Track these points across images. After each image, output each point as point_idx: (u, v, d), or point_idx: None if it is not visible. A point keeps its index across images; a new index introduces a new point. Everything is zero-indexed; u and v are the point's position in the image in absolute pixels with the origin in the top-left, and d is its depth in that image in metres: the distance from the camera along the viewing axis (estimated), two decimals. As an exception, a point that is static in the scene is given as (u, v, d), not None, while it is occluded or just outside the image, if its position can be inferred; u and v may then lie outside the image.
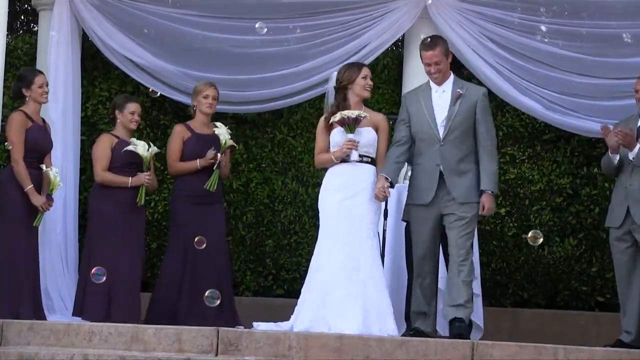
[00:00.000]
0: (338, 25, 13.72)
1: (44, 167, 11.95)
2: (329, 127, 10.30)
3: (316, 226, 11.08)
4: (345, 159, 10.11)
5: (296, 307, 10.27)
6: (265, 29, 12.27)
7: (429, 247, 9.89)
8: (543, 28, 13.58)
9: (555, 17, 13.72)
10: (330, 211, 10.07)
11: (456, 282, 10.03)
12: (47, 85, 12.45)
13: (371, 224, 10.00)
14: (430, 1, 13.23)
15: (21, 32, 15.46)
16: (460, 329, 9.90)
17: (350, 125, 10.20)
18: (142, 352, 10.89)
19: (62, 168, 12.81)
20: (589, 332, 12.67)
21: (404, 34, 13.73)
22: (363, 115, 10.17)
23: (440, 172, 9.58)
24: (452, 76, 10.14)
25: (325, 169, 10.46)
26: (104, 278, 8.86)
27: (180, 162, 12.49)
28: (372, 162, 10.17)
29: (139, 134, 12.80)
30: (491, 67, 13.44)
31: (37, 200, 11.95)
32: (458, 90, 9.85)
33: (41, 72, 12.81)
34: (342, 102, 10.37)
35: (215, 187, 12.50)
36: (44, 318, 12.24)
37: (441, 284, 10.63)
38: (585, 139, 13.24)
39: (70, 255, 13.51)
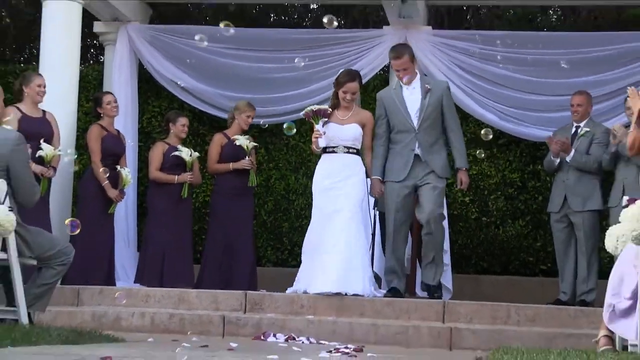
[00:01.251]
0: (336, 55, 13.76)
1: (119, 167, 12.24)
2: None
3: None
4: (325, 148, 10.08)
5: (298, 273, 10.38)
6: (303, 63, 12.59)
7: (401, 217, 9.80)
8: (498, 57, 13.66)
9: (507, 47, 13.80)
10: (320, 193, 10.00)
11: (430, 245, 10.08)
12: (115, 102, 12.66)
13: (356, 202, 9.84)
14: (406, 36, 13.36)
15: (91, 62, 15.52)
16: (437, 289, 10.22)
17: (314, 117, 10.17)
18: (187, 310, 11.07)
19: (134, 175, 13.06)
20: (535, 294, 12.77)
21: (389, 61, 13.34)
22: (323, 108, 10.18)
23: (416, 155, 9.63)
24: (418, 74, 10.15)
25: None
26: (77, 230, 8.87)
27: (217, 164, 12.70)
28: (357, 152, 10.04)
29: (183, 141, 12.95)
30: (457, 87, 13.50)
31: (112, 193, 12.29)
32: (427, 85, 9.88)
33: (110, 92, 13.15)
34: (334, 100, 10.35)
35: (255, 182, 12.82)
36: (114, 284, 12.46)
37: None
38: (531, 143, 13.35)
39: (131, 235, 13.79)
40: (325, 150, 9.96)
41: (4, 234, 7.69)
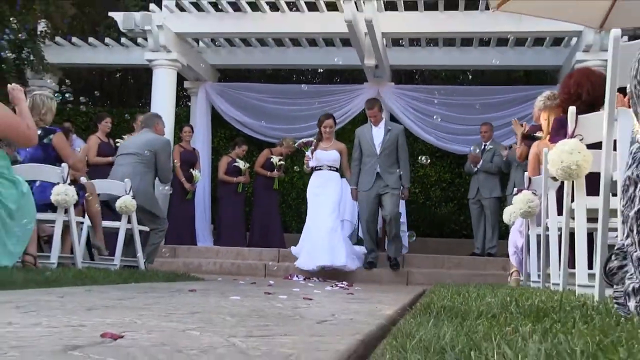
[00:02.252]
0: (334, 101, 13.71)
1: (192, 170, 12.21)
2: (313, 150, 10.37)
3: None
4: (314, 167, 10.24)
5: (298, 244, 10.29)
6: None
7: (370, 214, 9.88)
8: (435, 101, 13.56)
9: (441, 95, 13.71)
10: (312, 196, 10.20)
11: (392, 232, 10.00)
12: (190, 131, 12.81)
13: (334, 205, 9.99)
14: (378, 90, 13.37)
15: (182, 105, 15.43)
16: (397, 261, 10.14)
17: (305, 147, 10.57)
18: (242, 260, 11.13)
19: (203, 172, 13.02)
20: (459, 249, 12.72)
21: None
22: (310, 140, 10.50)
23: (377, 173, 9.65)
24: (383, 119, 10.22)
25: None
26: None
27: (260, 168, 12.73)
28: (337, 170, 10.21)
29: (241, 157, 13.00)
30: (410, 120, 13.41)
31: (187, 186, 12.24)
32: (388, 127, 9.99)
33: (189, 125, 13.29)
34: (319, 135, 10.38)
35: (277, 186, 12.95)
36: (195, 244, 12.47)
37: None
38: (457, 154, 13.32)
39: (207, 213, 13.68)
40: (314, 168, 10.13)
41: (129, 212, 7.73)
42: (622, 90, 3.24)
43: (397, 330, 2.19)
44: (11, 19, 11.67)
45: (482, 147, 12.09)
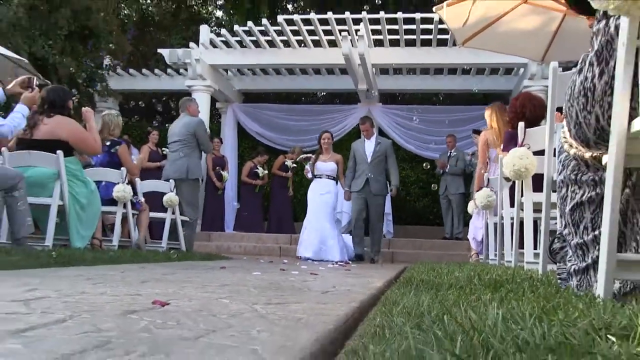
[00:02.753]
0: (334, 118, 13.73)
1: (221, 171, 12.20)
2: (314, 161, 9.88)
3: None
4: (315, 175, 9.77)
5: (299, 239, 9.69)
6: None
7: (360, 213, 9.43)
8: (414, 118, 13.57)
9: (419, 113, 13.73)
10: (312, 200, 9.63)
11: (374, 237, 9.58)
12: (220, 142, 12.89)
13: (330, 208, 9.56)
14: (369, 109, 13.35)
15: (214, 121, 15.39)
16: (375, 261, 9.41)
17: (305, 161, 10.30)
18: (262, 244, 11.07)
19: (230, 174, 13.00)
20: (433, 234, 12.72)
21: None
22: (309, 156, 10.20)
23: (367, 179, 9.31)
24: (375, 134, 9.85)
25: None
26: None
27: (277, 170, 12.76)
28: (334, 179, 9.70)
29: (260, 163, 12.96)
30: (395, 133, 13.43)
31: (218, 184, 12.30)
32: (379, 141, 9.63)
33: (219, 137, 13.33)
34: (319, 149, 9.90)
35: (289, 186, 13.10)
36: (224, 230, 12.45)
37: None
38: (430, 160, 13.23)
39: (234, 206, 13.57)
40: (315, 176, 9.71)
41: (173, 206, 7.73)
42: (560, 109, 3.27)
43: (385, 299, 2.20)
44: (84, 57, 11.74)
45: (448, 154, 12.11)
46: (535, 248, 4.42)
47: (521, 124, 4.48)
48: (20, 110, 5.38)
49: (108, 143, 7.21)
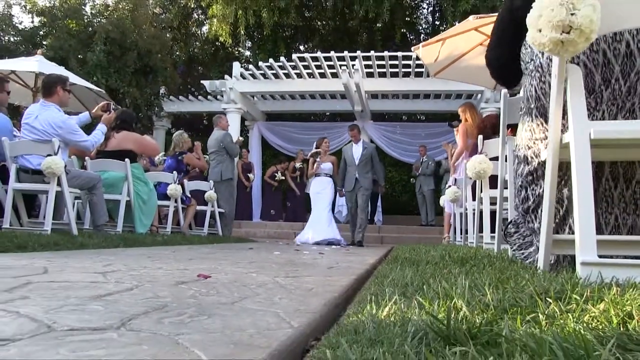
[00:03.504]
0: (335, 132, 13.50)
1: (249, 174, 12.14)
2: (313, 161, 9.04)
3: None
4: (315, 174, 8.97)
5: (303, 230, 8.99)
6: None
7: (354, 207, 8.59)
8: (397, 131, 13.55)
9: (401, 129, 13.72)
10: (313, 196, 8.92)
11: (359, 222, 8.51)
12: (247, 152, 12.66)
13: (328, 202, 8.82)
14: (363, 125, 13.28)
15: (243, 135, 15.33)
16: (360, 242, 8.45)
17: (315, 155, 9.04)
18: (281, 230, 10.99)
19: (257, 177, 12.96)
20: (413, 222, 12.59)
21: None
22: (315, 152, 9.08)
23: (356, 178, 8.51)
24: (361, 140, 8.93)
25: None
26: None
27: (291, 173, 12.70)
28: (330, 177, 8.94)
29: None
30: (383, 143, 13.32)
31: (246, 184, 12.09)
32: (365, 146, 8.76)
33: (247, 149, 13.06)
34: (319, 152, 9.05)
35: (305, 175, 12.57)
36: (251, 219, 12.40)
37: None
38: (410, 164, 13.15)
39: (259, 200, 13.55)
40: (315, 174, 8.93)
41: (212, 201, 7.72)
42: (510, 126, 3.28)
43: (377, 272, 2.18)
44: (145, 87, 11.79)
45: (421, 160, 12.09)
46: (491, 232, 4.40)
47: (480, 137, 4.48)
48: (101, 129, 5.41)
49: (177, 153, 7.67)
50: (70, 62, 10.14)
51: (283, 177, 12.76)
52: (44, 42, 10.63)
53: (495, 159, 3.95)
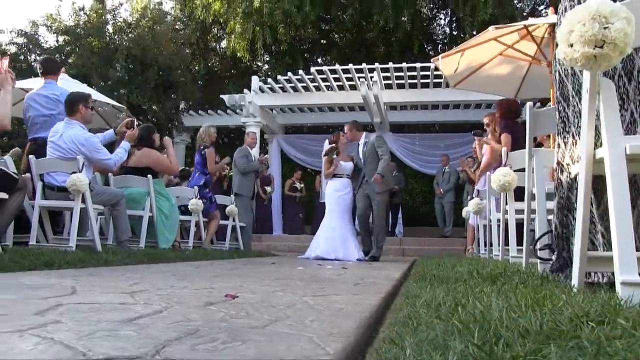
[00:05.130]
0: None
1: (266, 187, 12.12)
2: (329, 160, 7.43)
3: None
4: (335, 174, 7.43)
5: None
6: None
7: (364, 212, 7.10)
8: (417, 142, 13.51)
9: (420, 140, 13.66)
10: (330, 198, 7.34)
11: (375, 234, 7.06)
12: (267, 162, 12.54)
13: (346, 206, 7.22)
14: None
15: (263, 148, 15.39)
16: (374, 259, 6.90)
17: (332, 151, 7.49)
18: (300, 243, 10.92)
19: (276, 189, 12.95)
20: (434, 233, 12.52)
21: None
22: (329, 148, 7.56)
23: (364, 178, 7.06)
24: (364, 134, 7.42)
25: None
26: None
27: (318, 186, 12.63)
28: (349, 177, 7.32)
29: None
30: (403, 155, 13.30)
31: (264, 196, 11.99)
32: (365, 141, 7.25)
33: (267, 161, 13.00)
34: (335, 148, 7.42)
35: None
36: (272, 233, 12.38)
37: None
38: (430, 175, 13.09)
39: (280, 213, 13.55)
40: (335, 175, 7.40)
41: (233, 215, 7.73)
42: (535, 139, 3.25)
43: (406, 291, 2.15)
44: (166, 103, 11.92)
45: (443, 170, 12.01)
46: (518, 245, 4.33)
47: (504, 149, 4.44)
48: (124, 146, 5.46)
49: (202, 147, 7.52)
50: (92, 79, 10.31)
51: (302, 185, 12.72)
52: (68, 60, 10.79)
53: (520, 170, 3.91)
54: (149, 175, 5.83)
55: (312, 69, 11.79)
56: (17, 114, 6.23)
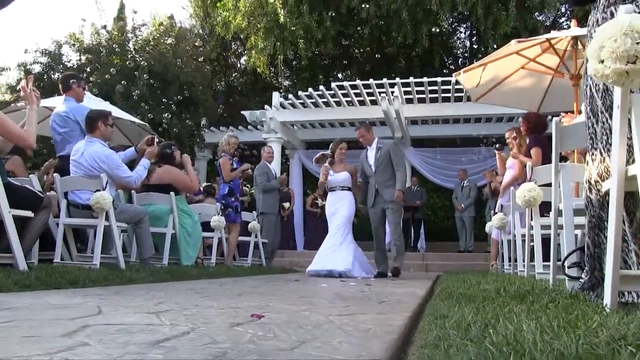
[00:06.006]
0: None
1: (284, 204, 12.06)
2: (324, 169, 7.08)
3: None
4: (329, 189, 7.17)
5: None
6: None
7: (378, 227, 6.71)
8: (438, 156, 13.47)
9: (441, 154, 13.61)
10: (330, 214, 6.91)
11: (395, 246, 6.75)
12: (285, 177, 12.55)
13: (346, 220, 6.77)
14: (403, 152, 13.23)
15: (285, 163, 15.44)
16: (397, 270, 6.66)
17: (323, 158, 7.22)
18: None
19: (297, 205, 12.93)
20: (454, 247, 12.41)
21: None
22: (319, 155, 7.27)
23: (376, 189, 6.61)
24: (376, 139, 6.90)
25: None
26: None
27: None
28: (349, 189, 6.87)
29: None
30: (424, 169, 13.28)
31: (282, 213, 11.76)
32: (379, 146, 6.73)
33: (286, 174, 13.15)
34: (331, 159, 7.05)
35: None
36: (295, 249, 12.32)
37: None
38: (451, 189, 12.98)
39: (301, 229, 13.51)
40: (329, 189, 7.08)
41: (256, 231, 7.75)
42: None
43: (433, 310, 2.12)
44: (187, 119, 12.00)
45: (462, 184, 11.94)
46: (544, 261, 4.27)
47: (529, 164, 4.40)
48: (144, 164, 5.50)
49: (223, 155, 7.43)
50: (114, 97, 10.46)
51: (324, 203, 12.67)
52: (90, 78, 10.97)
53: (545, 185, 3.86)
54: (171, 193, 5.88)
55: (333, 84, 11.85)
56: (41, 132, 6.31)
